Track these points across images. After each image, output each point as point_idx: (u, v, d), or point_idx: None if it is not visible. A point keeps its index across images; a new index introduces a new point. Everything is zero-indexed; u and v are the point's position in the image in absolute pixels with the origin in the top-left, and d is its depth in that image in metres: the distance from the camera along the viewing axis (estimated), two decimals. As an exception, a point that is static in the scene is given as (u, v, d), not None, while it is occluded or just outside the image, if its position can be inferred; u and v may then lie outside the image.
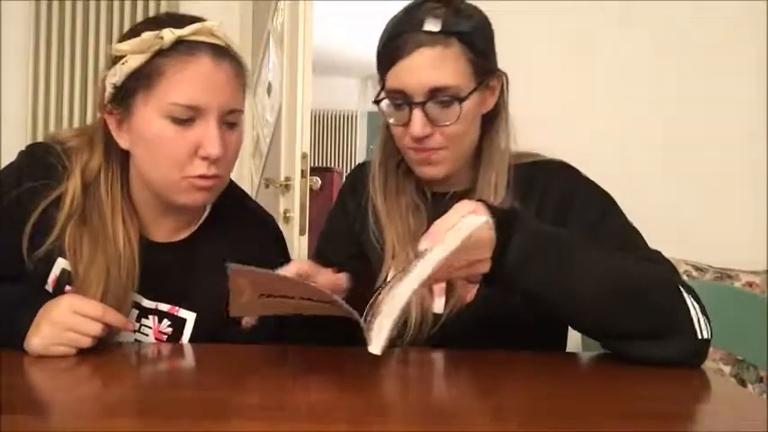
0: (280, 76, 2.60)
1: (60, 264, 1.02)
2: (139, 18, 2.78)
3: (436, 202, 1.12)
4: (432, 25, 0.99)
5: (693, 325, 0.89)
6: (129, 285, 1.01)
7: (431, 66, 0.99)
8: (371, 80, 7.01)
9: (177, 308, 1.05)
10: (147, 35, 0.93)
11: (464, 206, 0.85)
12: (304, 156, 2.59)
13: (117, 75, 0.95)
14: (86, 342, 0.88)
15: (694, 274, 2.29)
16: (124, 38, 0.98)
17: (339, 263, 1.02)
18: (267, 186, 2.65)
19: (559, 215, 1.05)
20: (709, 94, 2.55)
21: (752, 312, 2.10)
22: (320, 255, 1.19)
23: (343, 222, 1.19)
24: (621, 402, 0.77)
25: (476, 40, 1.02)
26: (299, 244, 2.47)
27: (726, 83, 2.55)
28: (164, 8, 2.77)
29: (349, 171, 1.27)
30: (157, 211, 1.05)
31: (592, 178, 1.11)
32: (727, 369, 2.09)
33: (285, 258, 1.13)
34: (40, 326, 0.88)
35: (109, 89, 0.97)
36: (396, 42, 1.01)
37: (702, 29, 2.55)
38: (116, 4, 2.79)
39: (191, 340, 1.05)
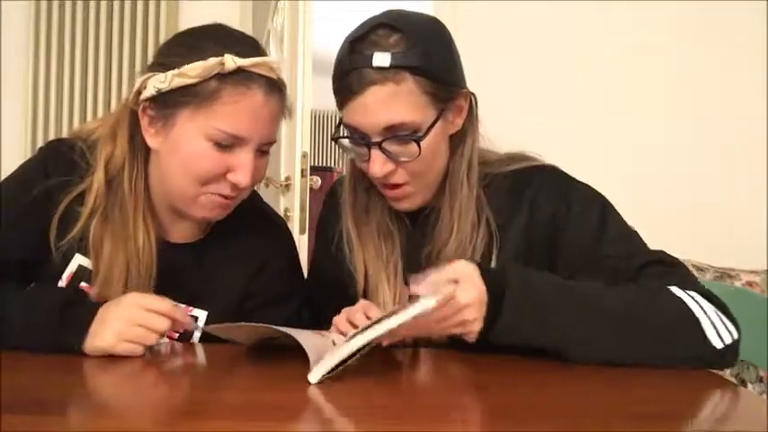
0: (280, 76, 2.59)
1: (77, 260, 1.02)
2: (140, 19, 2.77)
3: (412, 219, 1.09)
4: (381, 59, 0.94)
5: (705, 337, 0.89)
6: (148, 282, 1.01)
7: (383, 104, 0.95)
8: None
9: (191, 308, 1.06)
10: (212, 62, 0.93)
11: (461, 268, 0.88)
12: (304, 155, 2.59)
13: (166, 82, 0.94)
14: (153, 339, 0.88)
15: (694, 273, 2.29)
16: (176, 45, 0.99)
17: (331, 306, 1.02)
18: (267, 186, 2.65)
19: (555, 227, 1.03)
20: (708, 94, 2.55)
21: (752, 312, 2.10)
22: (315, 293, 1.17)
23: (325, 259, 1.15)
24: (621, 402, 0.77)
25: (431, 69, 0.96)
26: (299, 243, 2.47)
27: (725, 82, 2.54)
28: (163, 8, 2.76)
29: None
30: (174, 213, 1.06)
31: (590, 178, 1.09)
32: (727, 369, 2.09)
33: (294, 259, 1.16)
34: (107, 322, 0.87)
35: (152, 90, 0.96)
36: (347, 79, 0.96)
37: (700, 24, 2.55)
38: (116, 4, 2.78)
39: (201, 338, 1.05)
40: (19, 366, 0.83)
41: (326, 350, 0.85)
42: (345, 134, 1.02)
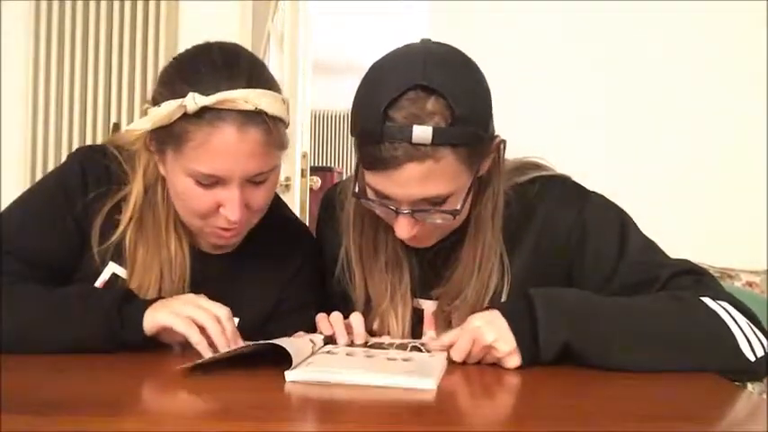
0: (280, 76, 2.60)
1: (111, 268, 1.03)
2: (140, 19, 2.77)
3: (425, 248, 1.03)
4: (421, 135, 0.85)
5: (739, 350, 0.88)
6: (181, 290, 1.02)
7: (419, 181, 0.88)
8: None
9: None
10: (170, 107, 0.90)
11: (480, 320, 0.87)
12: (304, 155, 2.59)
13: (152, 119, 0.93)
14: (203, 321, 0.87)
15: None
16: (160, 80, 0.97)
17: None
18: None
19: (571, 244, 1.00)
20: (708, 94, 2.55)
21: (752, 312, 2.10)
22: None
23: (329, 278, 1.13)
24: (621, 403, 0.77)
25: (472, 140, 0.89)
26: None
27: (725, 82, 2.55)
28: (163, 8, 2.76)
29: (345, 173, 1.25)
30: None
31: (590, 178, 1.07)
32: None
33: (318, 267, 1.15)
34: (167, 303, 0.89)
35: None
36: (378, 150, 0.87)
37: (700, 24, 2.56)
38: (116, 4, 2.79)
39: None
40: (19, 366, 0.83)
41: (304, 347, 0.86)
42: (369, 195, 0.95)
